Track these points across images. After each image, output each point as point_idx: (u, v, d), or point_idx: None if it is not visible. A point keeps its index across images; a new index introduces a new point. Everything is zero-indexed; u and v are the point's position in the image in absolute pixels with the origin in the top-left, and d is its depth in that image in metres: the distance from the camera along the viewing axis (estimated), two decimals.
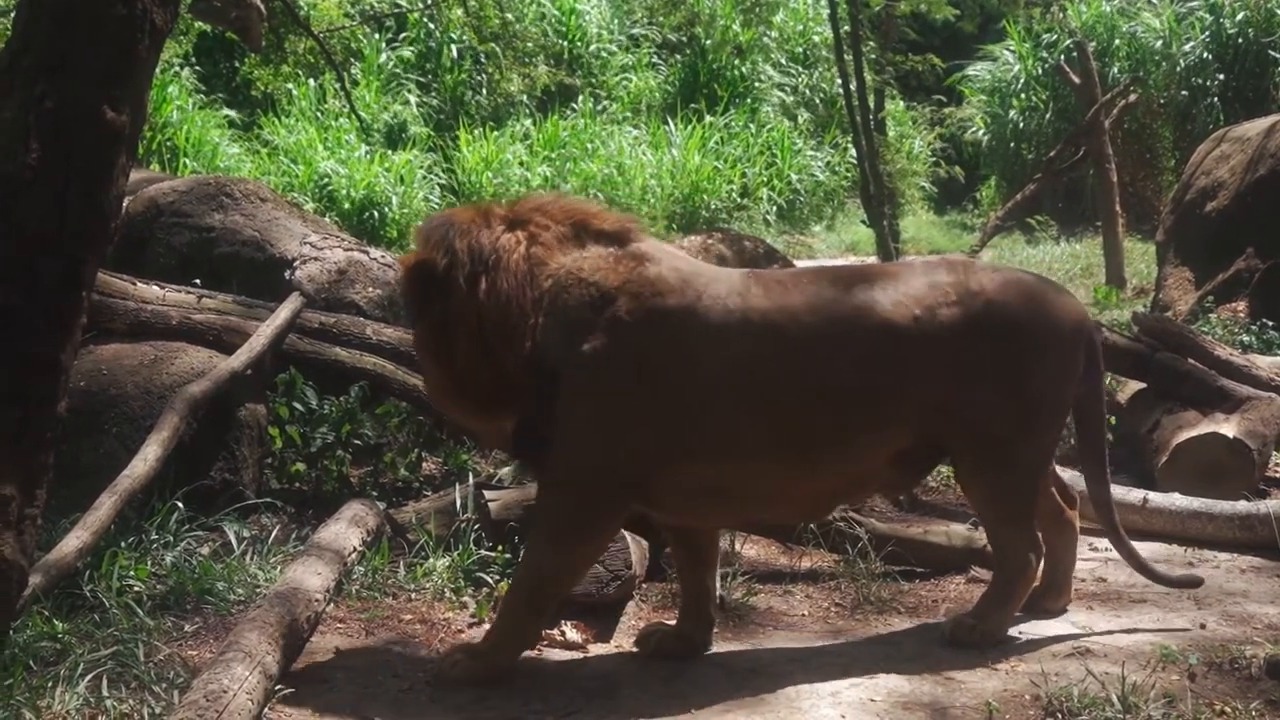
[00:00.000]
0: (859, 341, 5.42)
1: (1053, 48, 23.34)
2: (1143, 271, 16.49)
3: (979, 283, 5.61)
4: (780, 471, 5.43)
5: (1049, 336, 5.66)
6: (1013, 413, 5.56)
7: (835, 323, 5.44)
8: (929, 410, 5.49)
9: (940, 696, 5.08)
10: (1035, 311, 5.65)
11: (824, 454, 5.44)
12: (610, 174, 22.02)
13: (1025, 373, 5.58)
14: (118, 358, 7.26)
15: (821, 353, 5.39)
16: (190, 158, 20.59)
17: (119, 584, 5.86)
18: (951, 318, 5.51)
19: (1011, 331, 5.57)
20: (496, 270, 5.36)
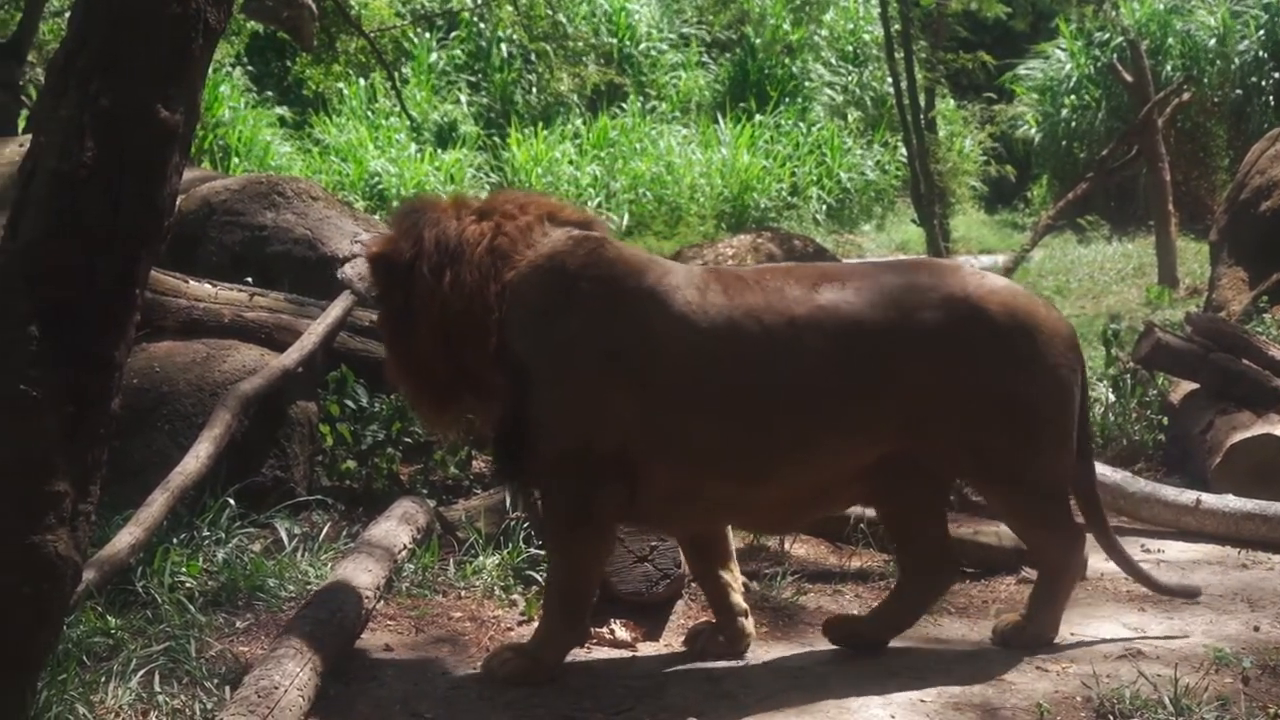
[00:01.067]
0: (822, 343, 5.23)
1: (1105, 46, 23.20)
2: (1196, 271, 16.37)
3: (963, 287, 5.40)
4: (736, 477, 5.30)
5: (1037, 347, 5.39)
6: (1001, 425, 5.37)
7: (795, 322, 5.25)
8: (905, 419, 5.29)
9: (991, 698, 5.06)
10: (1022, 321, 5.39)
11: (781, 462, 5.28)
12: (659, 173, 22.00)
13: (1012, 383, 5.37)
14: (170, 355, 7.30)
15: (779, 354, 5.22)
16: (242, 157, 20.71)
17: (171, 580, 5.89)
18: (931, 321, 5.31)
19: (997, 339, 5.35)
20: (459, 263, 5.33)
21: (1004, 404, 5.36)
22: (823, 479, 5.38)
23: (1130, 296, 15.83)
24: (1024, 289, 5.70)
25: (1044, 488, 5.51)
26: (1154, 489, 7.38)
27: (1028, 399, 5.38)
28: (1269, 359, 8.32)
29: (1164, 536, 7.15)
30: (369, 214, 13.29)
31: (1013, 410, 5.37)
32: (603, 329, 5.25)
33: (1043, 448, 5.45)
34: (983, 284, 5.46)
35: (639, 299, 5.27)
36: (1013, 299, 5.45)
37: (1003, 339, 5.34)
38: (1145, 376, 8.88)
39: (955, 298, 5.34)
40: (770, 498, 5.39)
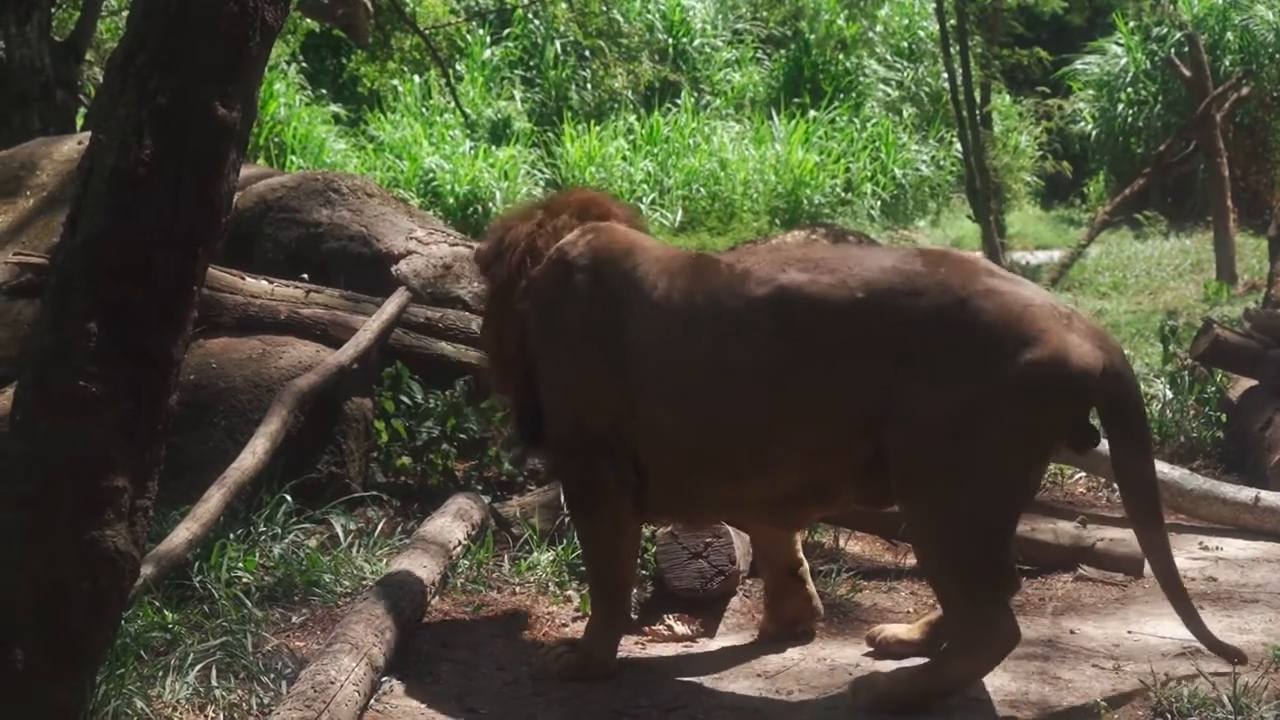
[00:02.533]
0: (778, 327, 4.98)
1: (1162, 41, 23.03)
2: (1254, 267, 16.24)
3: (962, 283, 4.87)
4: (709, 467, 5.20)
5: (1021, 364, 4.71)
6: (948, 445, 4.79)
7: (752, 305, 5.03)
8: (866, 416, 4.89)
9: (1048, 696, 5.04)
10: (1017, 333, 4.75)
11: (744, 451, 5.12)
12: (713, 169, 21.98)
13: (972, 398, 4.75)
14: (226, 351, 7.34)
15: (731, 337, 5.05)
16: (297, 154, 20.81)
17: (227, 575, 5.93)
18: (907, 313, 4.87)
19: (973, 344, 4.79)
20: (502, 261, 5.63)
21: (956, 420, 4.76)
22: (799, 474, 5.08)
23: (1188, 292, 15.72)
24: (1052, 305, 4.88)
25: (980, 535, 4.83)
26: (1212, 486, 7.33)
27: (982, 422, 4.74)
28: None
29: (1222, 534, 7.10)
30: (424, 210, 13.33)
31: (965, 433, 4.77)
32: (587, 314, 5.37)
33: (983, 482, 4.80)
34: (987, 284, 4.87)
35: (617, 284, 5.34)
36: (1016, 308, 4.79)
37: (981, 347, 4.78)
38: (1203, 373, 8.82)
39: (946, 292, 4.84)
40: (751, 491, 5.21)
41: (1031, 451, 4.86)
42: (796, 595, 5.68)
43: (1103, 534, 6.65)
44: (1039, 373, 4.70)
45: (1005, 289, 4.85)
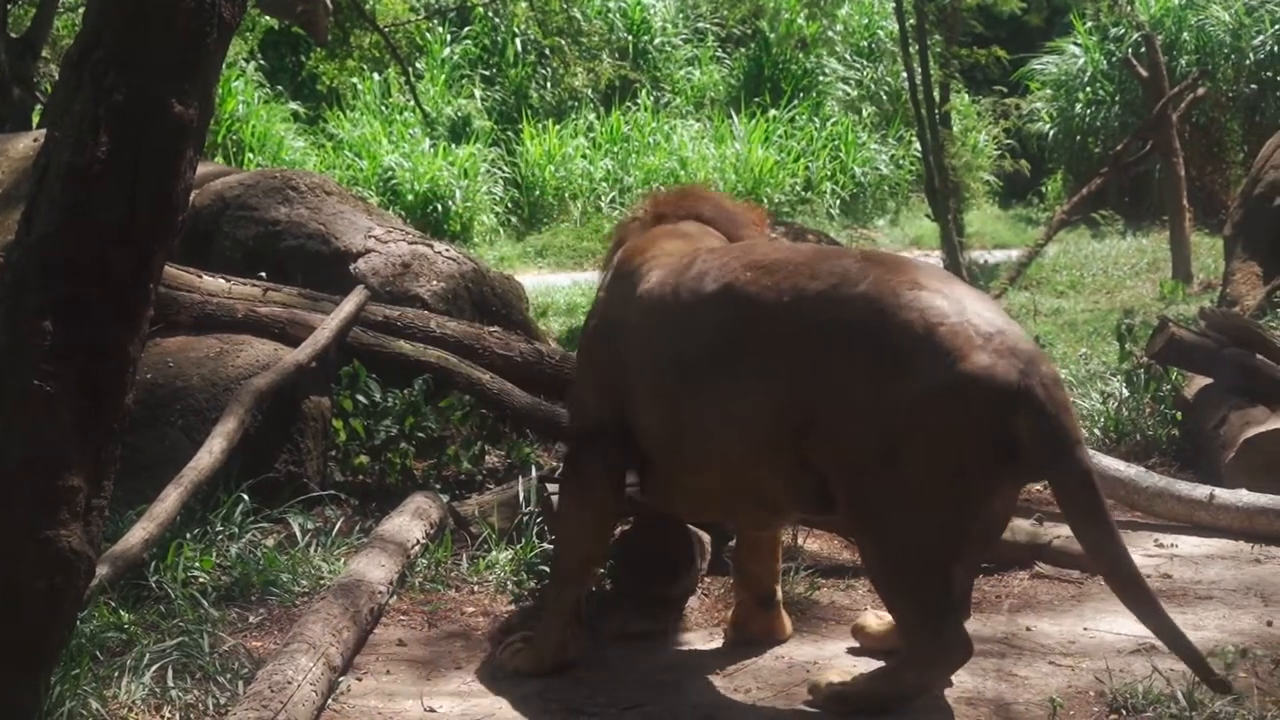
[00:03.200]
0: (723, 324, 4.99)
1: (1119, 41, 23.15)
2: (1210, 266, 16.34)
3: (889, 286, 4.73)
4: (677, 461, 5.22)
5: (942, 381, 4.56)
6: (871, 458, 4.68)
7: (704, 303, 5.07)
8: (796, 422, 4.80)
9: (1004, 693, 5.06)
10: (926, 344, 4.60)
11: (695, 450, 5.14)
12: (673, 168, 22.01)
13: (886, 417, 4.63)
14: (183, 350, 7.32)
15: (688, 335, 5.10)
16: (256, 152, 20.76)
17: (184, 575, 5.91)
18: (831, 316, 4.79)
19: (886, 360, 4.66)
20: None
21: (882, 433, 4.65)
22: (744, 476, 5.04)
23: (1144, 291, 15.81)
24: (968, 321, 4.63)
25: (914, 545, 4.72)
26: (1168, 484, 7.37)
27: (909, 435, 4.61)
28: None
29: (1178, 531, 7.14)
30: (382, 209, 13.31)
31: (887, 438, 4.65)
32: (605, 312, 5.55)
33: (918, 498, 4.66)
34: (907, 297, 4.69)
35: (627, 282, 5.45)
36: (930, 323, 4.62)
37: (894, 362, 4.65)
38: (1159, 371, 8.86)
39: (867, 303, 4.72)
40: (712, 486, 5.21)
41: (953, 470, 4.62)
42: (763, 620, 5.68)
43: (1059, 531, 6.67)
44: (948, 390, 4.55)
45: (923, 304, 4.66)
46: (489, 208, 21.14)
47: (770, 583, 5.69)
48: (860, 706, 4.86)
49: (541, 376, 8.15)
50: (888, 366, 4.64)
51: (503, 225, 21.28)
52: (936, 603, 4.72)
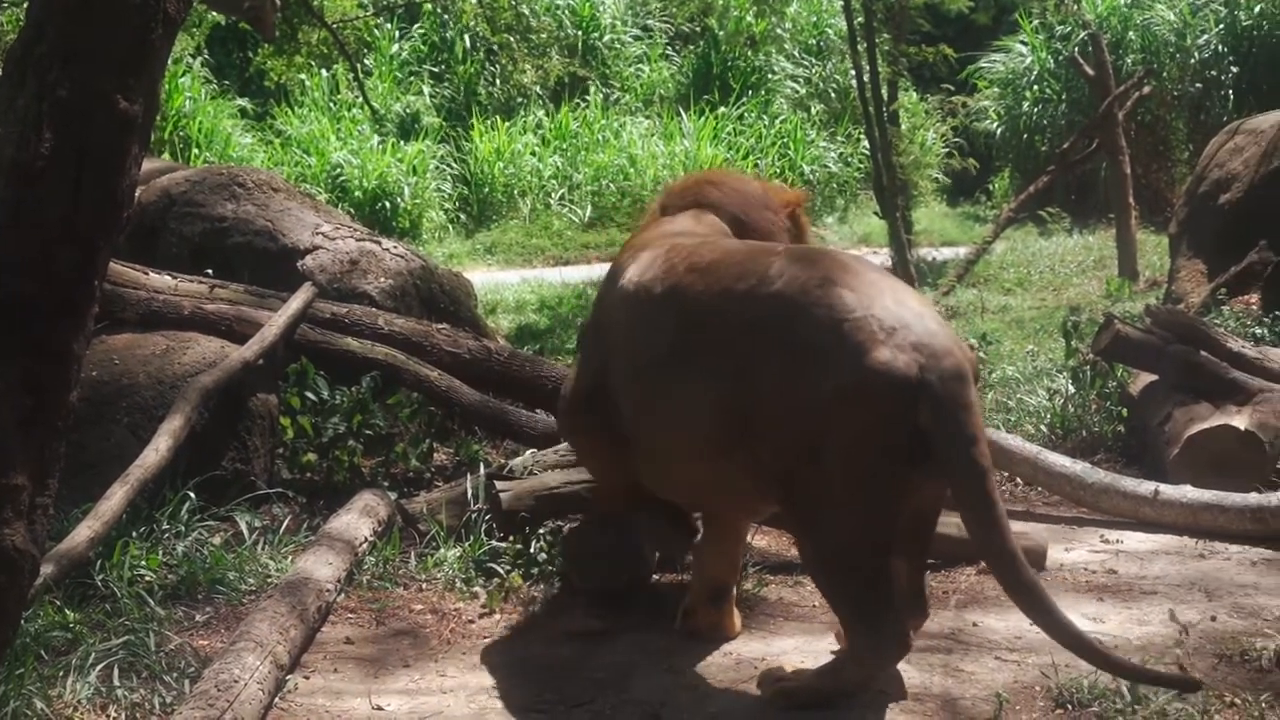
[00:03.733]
0: (670, 322, 5.16)
1: (1066, 40, 23.27)
2: (1155, 264, 16.44)
3: (799, 282, 4.84)
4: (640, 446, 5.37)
5: (843, 376, 4.62)
6: (795, 457, 4.75)
7: (655, 300, 5.26)
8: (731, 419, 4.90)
9: (951, 688, 5.08)
10: (830, 340, 4.68)
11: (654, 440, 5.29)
12: (622, 165, 22.02)
13: (800, 413, 4.70)
14: (129, 347, 7.28)
15: (639, 334, 5.33)
16: (203, 148, 20.65)
17: (130, 574, 5.88)
18: (750, 314, 4.90)
19: (796, 355, 4.75)
20: None
21: (801, 430, 4.72)
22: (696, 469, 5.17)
23: (1090, 289, 15.89)
24: (873, 316, 4.68)
25: (839, 540, 4.77)
26: (1113, 480, 7.41)
27: (824, 432, 4.67)
28: (1227, 351, 8.36)
29: (1123, 527, 7.18)
30: (331, 205, 13.27)
31: (805, 437, 4.71)
32: (598, 301, 5.89)
33: (835, 492, 4.71)
34: (819, 293, 4.77)
35: (612, 274, 5.70)
36: (836, 319, 4.70)
37: (803, 358, 4.73)
38: (1105, 368, 8.92)
39: (783, 301, 4.83)
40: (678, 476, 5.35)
41: (867, 466, 4.66)
42: (712, 615, 5.68)
43: None
44: (853, 386, 4.60)
45: (830, 300, 4.74)
46: (438, 205, 21.08)
47: (724, 577, 5.70)
48: (805, 701, 4.89)
49: (489, 374, 8.13)
50: (798, 364, 4.74)
51: (451, 222, 21.23)
52: (869, 599, 4.77)
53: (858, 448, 4.64)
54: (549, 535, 6.37)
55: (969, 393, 4.67)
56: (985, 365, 9.99)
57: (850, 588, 4.82)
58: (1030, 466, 7.61)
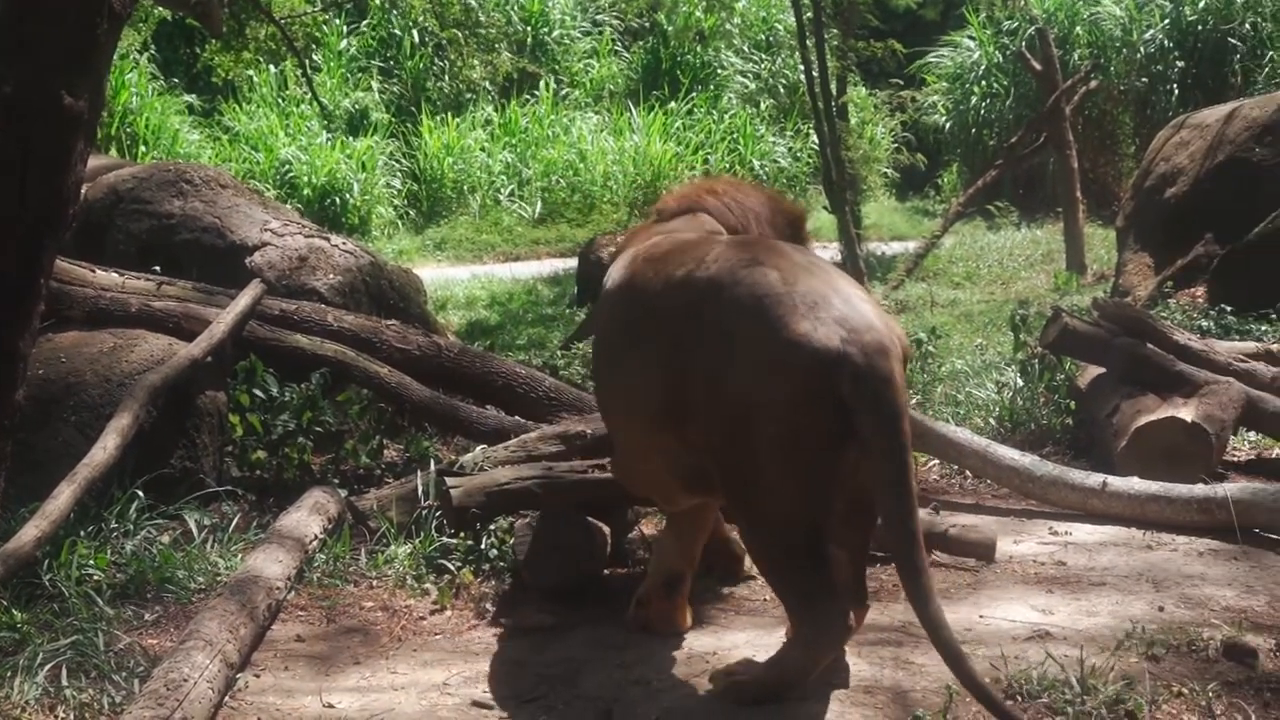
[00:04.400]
0: (620, 313, 5.39)
1: (1013, 35, 23.37)
2: (1103, 257, 16.53)
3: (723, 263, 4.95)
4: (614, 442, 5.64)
5: (763, 351, 4.71)
6: (725, 435, 4.82)
7: (612, 293, 5.49)
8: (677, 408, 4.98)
9: (901, 680, 5.10)
10: (752, 317, 4.75)
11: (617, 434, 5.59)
12: (572, 160, 22.02)
13: (728, 390, 4.77)
14: (76, 345, 7.23)
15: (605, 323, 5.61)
16: (150, 145, 20.55)
17: (78, 573, 5.85)
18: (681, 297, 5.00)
19: (723, 334, 4.83)
20: None
21: (729, 410, 4.77)
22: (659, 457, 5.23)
23: (1039, 282, 15.98)
24: (794, 291, 4.75)
25: (768, 518, 4.84)
26: (1061, 472, 7.45)
27: (749, 411, 4.72)
28: (1174, 343, 8.43)
29: (1071, 519, 7.22)
30: (279, 202, 13.21)
31: (734, 414, 4.78)
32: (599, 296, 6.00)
33: (764, 472, 4.76)
34: (743, 274, 4.86)
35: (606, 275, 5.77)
36: (757, 296, 4.78)
37: (728, 337, 4.80)
38: (1053, 361, 8.97)
39: (711, 284, 4.93)
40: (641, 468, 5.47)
41: (792, 441, 4.68)
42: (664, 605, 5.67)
43: (955, 520, 6.74)
44: (774, 360, 4.67)
45: (753, 279, 4.82)
46: (387, 201, 21.04)
47: (681, 568, 5.67)
48: (755, 695, 4.89)
49: (440, 370, 8.12)
50: (724, 342, 4.80)
51: (401, 218, 21.19)
52: (807, 582, 4.80)
53: (782, 422, 4.67)
54: (500, 531, 6.36)
55: (891, 367, 4.67)
56: (935, 359, 10.04)
57: (788, 572, 4.85)
58: (979, 459, 7.64)
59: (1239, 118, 12.49)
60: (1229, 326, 10.41)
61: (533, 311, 15.02)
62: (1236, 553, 6.59)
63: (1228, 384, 8.06)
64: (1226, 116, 12.62)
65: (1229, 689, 4.92)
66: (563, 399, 7.95)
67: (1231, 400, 7.91)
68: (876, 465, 4.67)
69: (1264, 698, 4.88)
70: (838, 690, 5.00)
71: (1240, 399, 7.98)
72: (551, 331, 13.34)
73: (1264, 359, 8.75)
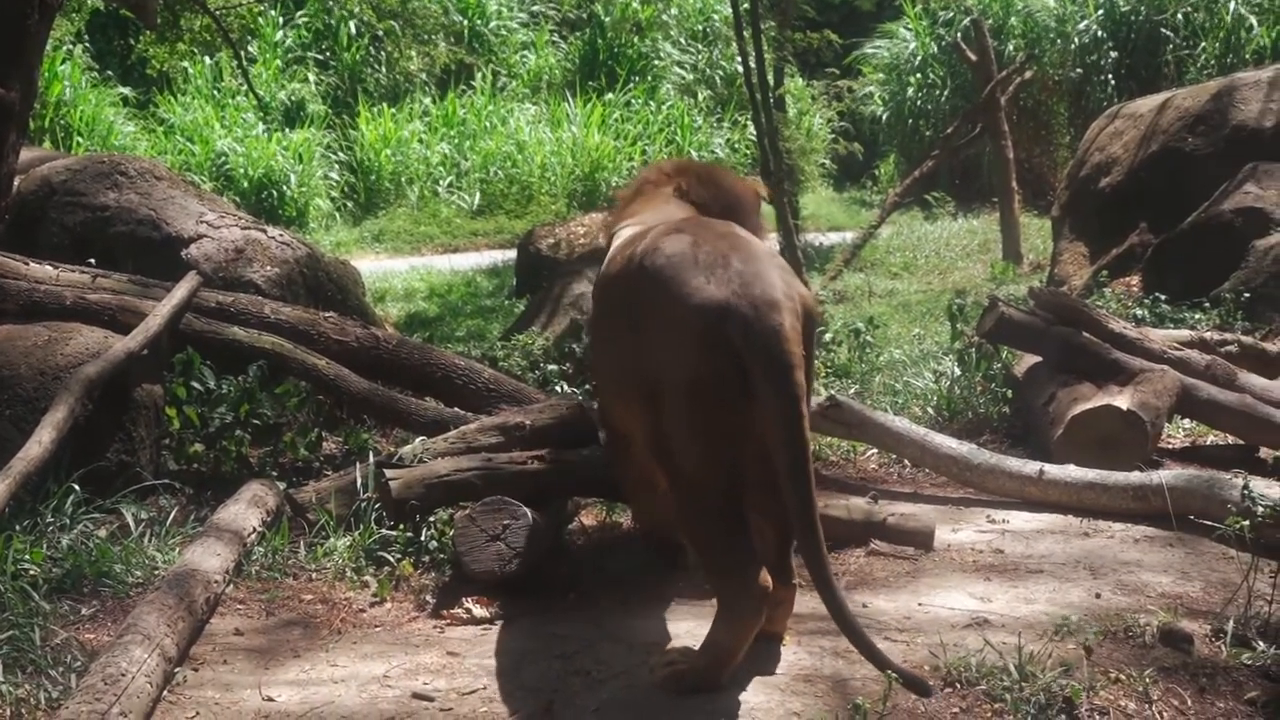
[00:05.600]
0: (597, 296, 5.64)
1: (949, 25, 23.51)
2: (1039, 247, 16.66)
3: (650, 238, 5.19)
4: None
5: (660, 311, 4.92)
6: (646, 395, 5.01)
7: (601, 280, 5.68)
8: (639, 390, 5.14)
9: (841, 669, 5.12)
10: (655, 279, 4.97)
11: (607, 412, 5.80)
12: (510, 152, 22.01)
13: (650, 356, 4.97)
14: (10, 339, 7.16)
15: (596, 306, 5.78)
16: (84, 136, 20.41)
17: (14, 568, 5.78)
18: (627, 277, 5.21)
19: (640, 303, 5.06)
20: None
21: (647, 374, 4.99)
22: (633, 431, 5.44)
23: (975, 272, 16.08)
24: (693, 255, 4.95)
25: (684, 480, 4.97)
26: (998, 460, 7.50)
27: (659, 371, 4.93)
28: (1109, 332, 8.50)
29: (1009, 507, 7.27)
30: (216, 194, 13.14)
31: (648, 374, 4.99)
32: None
33: (674, 430, 4.93)
34: (669, 232, 5.15)
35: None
36: (660, 261, 5.00)
37: (646, 293, 5.00)
38: (990, 350, 9.03)
39: (641, 251, 5.15)
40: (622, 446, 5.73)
41: (693, 395, 4.82)
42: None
43: (894, 509, 6.78)
44: (672, 316, 4.85)
45: (667, 247, 5.03)
46: (324, 193, 20.97)
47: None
48: (693, 682, 4.90)
49: (378, 362, 8.09)
50: (642, 311, 5.04)
51: (339, 210, 21.12)
52: (724, 555, 4.89)
53: (681, 377, 4.83)
54: (440, 523, 6.35)
55: (781, 320, 4.77)
56: (873, 349, 10.09)
57: (705, 540, 4.94)
58: (918, 448, 7.68)
59: (1172, 108, 12.62)
60: (1163, 315, 10.51)
61: (471, 303, 15.00)
62: (1172, 539, 6.65)
63: (1162, 372, 8.14)
64: (1160, 106, 12.75)
65: (1165, 674, 4.97)
66: (502, 390, 7.95)
67: (1166, 388, 7.99)
68: (768, 417, 4.75)
69: (1200, 683, 4.93)
70: (778, 680, 5.01)
71: (1175, 387, 8.06)
72: (490, 323, 13.33)
73: (1198, 347, 8.84)
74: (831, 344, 10.27)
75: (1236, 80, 12.80)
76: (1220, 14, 21.61)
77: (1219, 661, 5.10)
